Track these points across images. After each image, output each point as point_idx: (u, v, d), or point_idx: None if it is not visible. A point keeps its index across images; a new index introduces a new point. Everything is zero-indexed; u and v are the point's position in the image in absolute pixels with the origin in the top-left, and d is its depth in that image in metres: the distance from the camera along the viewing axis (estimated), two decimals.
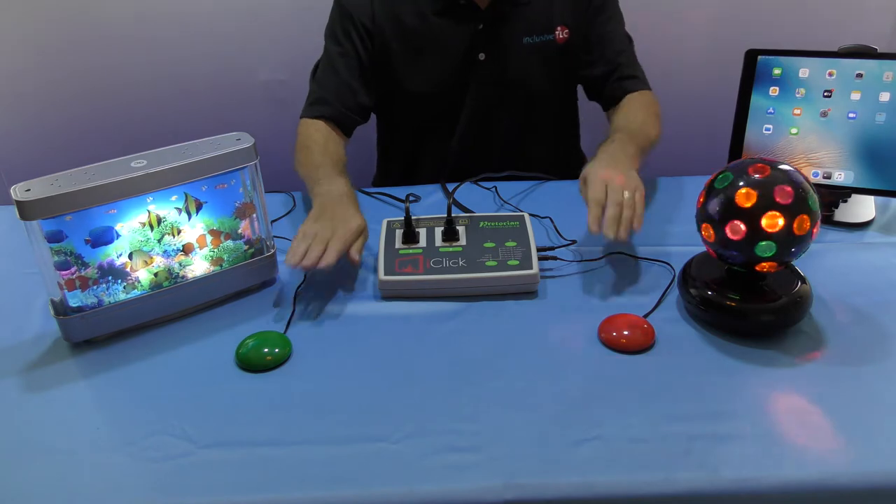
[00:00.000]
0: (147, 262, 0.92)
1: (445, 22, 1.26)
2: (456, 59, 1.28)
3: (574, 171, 1.50)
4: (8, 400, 0.84)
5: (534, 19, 1.27)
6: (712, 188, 0.87)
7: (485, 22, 1.25)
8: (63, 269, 0.87)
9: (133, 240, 0.90)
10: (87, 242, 0.87)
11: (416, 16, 1.26)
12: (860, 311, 0.93)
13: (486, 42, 1.27)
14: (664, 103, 1.29)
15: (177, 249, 0.94)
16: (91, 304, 0.90)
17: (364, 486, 0.71)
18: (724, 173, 0.87)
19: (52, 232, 0.85)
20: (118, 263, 0.90)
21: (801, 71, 1.09)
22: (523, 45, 1.27)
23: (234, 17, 1.61)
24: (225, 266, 0.98)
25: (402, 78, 1.30)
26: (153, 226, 0.91)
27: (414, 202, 1.22)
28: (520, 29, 1.27)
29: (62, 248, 0.86)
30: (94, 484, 0.73)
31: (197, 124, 1.48)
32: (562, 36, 1.28)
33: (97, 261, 0.89)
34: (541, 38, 1.28)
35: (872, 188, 1.10)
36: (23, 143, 1.68)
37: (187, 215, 0.93)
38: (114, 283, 0.91)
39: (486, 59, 1.27)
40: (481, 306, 0.96)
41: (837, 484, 0.70)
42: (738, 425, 0.76)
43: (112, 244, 0.89)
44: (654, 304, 0.95)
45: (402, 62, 1.29)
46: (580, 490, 0.70)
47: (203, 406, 0.82)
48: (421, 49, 1.27)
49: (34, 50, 1.60)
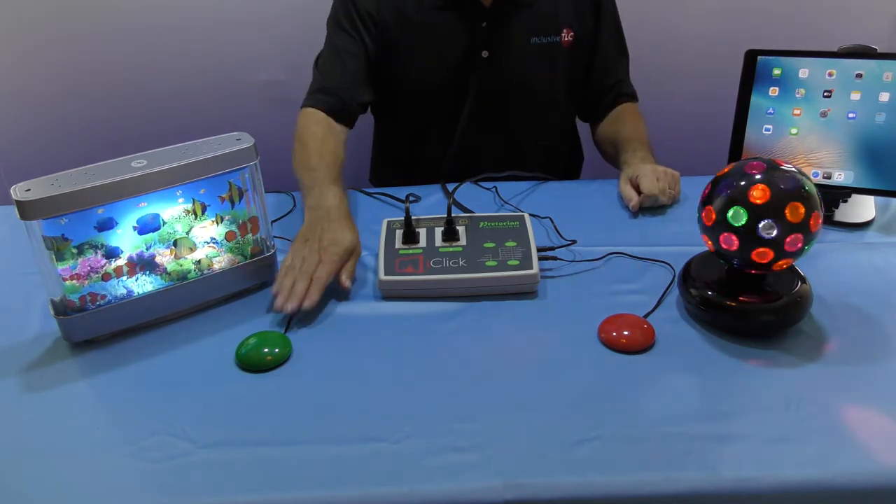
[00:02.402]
0: (191, 249, 0.94)
1: (449, 17, 1.26)
2: (458, 55, 1.28)
3: (573, 173, 1.51)
4: (8, 400, 0.84)
5: (539, 20, 1.27)
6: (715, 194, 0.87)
7: (489, 20, 1.25)
8: (109, 256, 0.89)
9: (175, 228, 0.92)
10: (135, 229, 0.89)
11: (420, 9, 1.26)
12: (860, 311, 0.93)
13: (489, 40, 1.27)
14: (664, 104, 1.30)
15: (209, 241, 0.96)
16: (121, 295, 0.91)
17: (364, 486, 0.71)
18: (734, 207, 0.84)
19: (104, 220, 0.86)
20: (158, 252, 0.92)
21: (801, 71, 1.09)
22: (530, 45, 1.27)
23: (234, 17, 1.61)
24: (240, 262, 0.99)
25: (404, 71, 1.30)
26: (197, 214, 0.92)
27: (414, 202, 1.22)
28: (526, 29, 1.27)
29: (99, 240, 0.87)
30: (94, 484, 0.72)
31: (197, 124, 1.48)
32: (567, 38, 1.29)
33: (138, 249, 0.90)
34: (548, 39, 1.28)
35: (872, 188, 1.10)
36: (23, 143, 1.68)
37: (230, 204, 0.95)
38: (143, 274, 0.92)
39: (488, 57, 1.27)
40: (481, 306, 0.96)
41: (837, 484, 0.70)
42: (738, 425, 0.76)
43: (158, 231, 0.91)
44: (654, 304, 0.95)
45: (404, 55, 1.28)
46: (580, 490, 0.70)
47: (203, 406, 0.82)
48: (423, 43, 1.27)
49: (34, 50, 1.60)
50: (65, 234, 0.85)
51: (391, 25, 1.26)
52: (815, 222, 0.83)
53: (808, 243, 0.84)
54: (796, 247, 0.83)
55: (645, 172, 1.19)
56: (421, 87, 1.31)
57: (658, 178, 1.18)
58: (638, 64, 1.42)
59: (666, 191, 1.17)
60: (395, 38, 1.27)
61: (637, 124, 1.34)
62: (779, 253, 0.83)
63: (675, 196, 1.19)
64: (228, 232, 0.97)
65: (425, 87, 1.31)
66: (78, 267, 0.87)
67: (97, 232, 0.87)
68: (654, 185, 1.16)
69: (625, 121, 1.35)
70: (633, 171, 1.21)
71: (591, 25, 1.31)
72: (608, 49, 1.35)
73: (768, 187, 0.82)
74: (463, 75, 1.29)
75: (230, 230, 0.97)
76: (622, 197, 1.20)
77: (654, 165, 1.22)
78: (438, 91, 1.31)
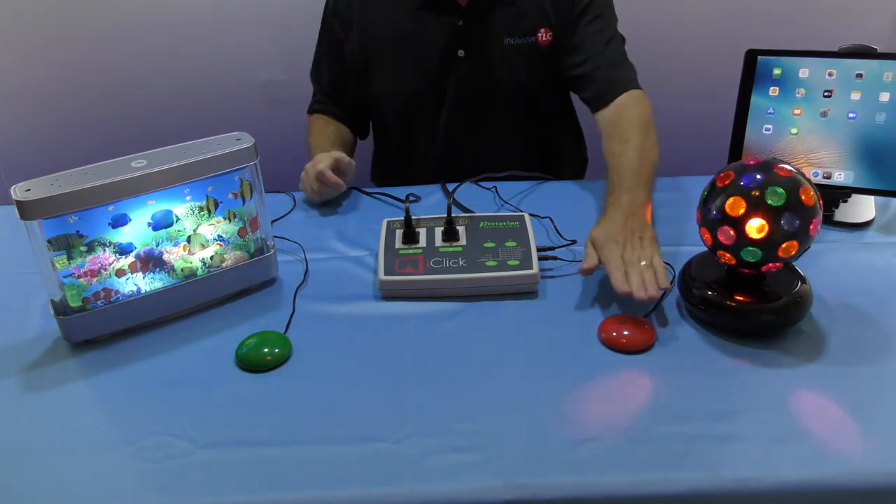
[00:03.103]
0: (203, 246, 0.94)
1: (425, 16, 1.27)
2: (435, 54, 1.28)
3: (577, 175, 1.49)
4: (8, 400, 0.84)
5: (516, 20, 1.27)
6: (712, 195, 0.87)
7: (465, 18, 1.26)
8: (121, 253, 0.89)
9: (192, 223, 0.93)
10: (150, 225, 0.90)
11: (398, 9, 1.27)
12: (860, 311, 0.93)
13: (465, 39, 1.27)
14: (664, 104, 1.29)
15: (216, 239, 0.96)
16: (129, 292, 0.91)
17: (364, 486, 0.71)
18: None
19: (118, 216, 0.87)
20: (166, 250, 0.92)
21: (801, 71, 1.09)
22: (504, 46, 1.28)
23: (234, 17, 1.62)
24: (247, 259, 0.99)
25: (383, 71, 1.31)
26: (210, 210, 0.93)
27: (414, 202, 1.22)
28: (501, 29, 1.27)
29: (111, 237, 0.88)
30: (94, 484, 0.73)
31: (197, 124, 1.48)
32: (545, 38, 1.28)
33: (147, 245, 0.91)
34: (522, 40, 1.28)
35: (872, 188, 1.10)
36: (23, 143, 1.68)
37: (241, 200, 0.96)
38: (153, 272, 0.93)
39: (465, 56, 1.28)
40: (481, 306, 0.96)
41: (838, 484, 0.70)
42: (738, 425, 0.76)
43: (172, 227, 0.92)
44: (654, 304, 0.95)
45: (382, 55, 1.30)
46: (580, 490, 0.70)
47: (203, 406, 0.82)
48: (401, 42, 1.28)
49: (34, 50, 1.60)
50: (79, 230, 0.85)
51: (370, 26, 1.28)
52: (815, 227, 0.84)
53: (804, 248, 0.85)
54: (790, 253, 0.84)
55: (605, 245, 0.96)
56: (401, 87, 1.33)
57: (625, 258, 0.93)
58: (638, 64, 1.42)
59: (643, 287, 0.89)
60: (375, 40, 1.29)
61: (630, 138, 1.14)
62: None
63: (660, 281, 0.90)
64: (240, 229, 0.97)
65: (405, 86, 1.33)
66: (87, 264, 0.87)
67: (111, 228, 0.88)
68: (621, 282, 0.90)
69: (618, 131, 1.17)
70: (595, 233, 0.99)
71: (575, 23, 1.28)
72: (591, 32, 1.26)
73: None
74: (441, 74, 1.30)
75: (241, 227, 0.97)
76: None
77: (621, 231, 0.98)
78: (418, 90, 1.32)
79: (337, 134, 1.36)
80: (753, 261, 0.85)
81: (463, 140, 1.35)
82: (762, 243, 0.83)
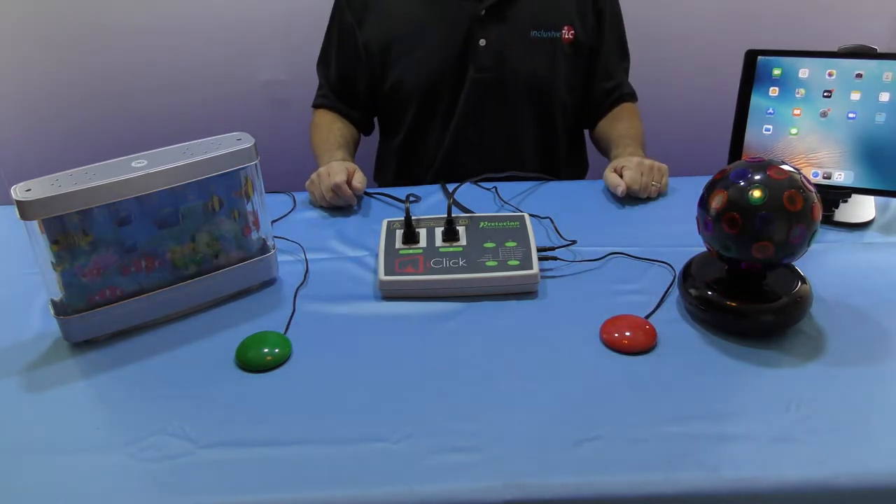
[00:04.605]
0: (208, 244, 0.95)
1: (446, 3, 1.26)
2: (456, 42, 1.28)
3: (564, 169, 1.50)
4: (8, 400, 0.84)
5: (539, 14, 1.27)
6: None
7: (487, 8, 1.25)
8: (127, 251, 0.90)
9: (192, 224, 0.94)
10: (155, 223, 0.91)
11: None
12: (860, 311, 0.93)
13: (487, 28, 1.27)
14: (664, 104, 1.30)
15: (219, 237, 0.97)
16: (132, 290, 0.91)
17: (364, 486, 0.71)
18: None
19: (118, 216, 0.87)
20: (170, 249, 0.93)
21: (801, 71, 1.09)
22: (530, 38, 1.27)
23: (235, 16, 1.62)
24: (249, 258, 0.99)
25: (402, 59, 1.30)
26: (215, 209, 0.93)
27: (414, 202, 1.22)
28: (526, 21, 1.27)
29: (116, 235, 0.88)
30: (94, 484, 0.72)
31: (197, 124, 1.48)
32: (567, 36, 1.28)
33: (148, 245, 0.91)
34: (548, 34, 1.28)
35: (872, 188, 1.10)
36: (23, 143, 1.68)
37: (246, 199, 0.97)
38: (157, 270, 0.93)
39: (486, 46, 1.27)
40: (481, 306, 0.96)
41: (837, 484, 0.70)
42: (739, 425, 0.76)
43: (173, 227, 0.92)
44: (654, 304, 0.95)
45: (401, 43, 1.29)
46: (580, 490, 0.70)
47: (203, 406, 0.82)
48: (422, 30, 1.28)
49: (35, 50, 1.60)
50: (79, 230, 0.85)
51: (390, 14, 1.27)
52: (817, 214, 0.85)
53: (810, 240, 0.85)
54: (766, 254, 0.84)
55: (630, 165, 1.20)
56: (419, 75, 1.32)
57: (642, 173, 1.18)
58: (638, 64, 1.42)
59: (649, 186, 1.18)
60: (394, 27, 1.28)
61: (633, 122, 1.35)
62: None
63: (662, 189, 1.20)
64: (241, 228, 0.97)
65: (423, 74, 1.31)
66: (87, 264, 0.87)
67: (111, 228, 0.88)
68: (636, 178, 1.17)
69: (621, 118, 1.37)
70: (619, 161, 1.22)
71: (593, 26, 1.31)
72: (610, 53, 1.35)
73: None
74: (460, 63, 1.29)
75: (242, 227, 0.97)
76: (608, 186, 1.21)
77: (642, 158, 1.22)
78: (436, 78, 1.31)
79: (343, 133, 1.35)
80: (727, 255, 0.86)
81: (473, 135, 1.35)
82: (735, 240, 0.84)
